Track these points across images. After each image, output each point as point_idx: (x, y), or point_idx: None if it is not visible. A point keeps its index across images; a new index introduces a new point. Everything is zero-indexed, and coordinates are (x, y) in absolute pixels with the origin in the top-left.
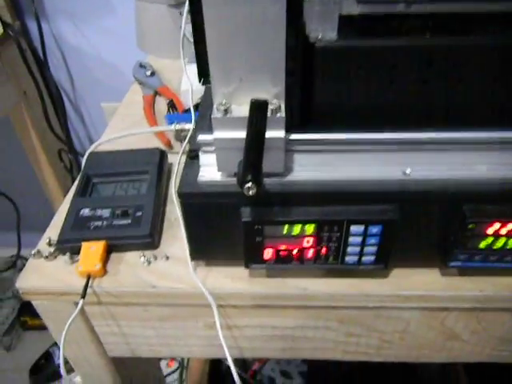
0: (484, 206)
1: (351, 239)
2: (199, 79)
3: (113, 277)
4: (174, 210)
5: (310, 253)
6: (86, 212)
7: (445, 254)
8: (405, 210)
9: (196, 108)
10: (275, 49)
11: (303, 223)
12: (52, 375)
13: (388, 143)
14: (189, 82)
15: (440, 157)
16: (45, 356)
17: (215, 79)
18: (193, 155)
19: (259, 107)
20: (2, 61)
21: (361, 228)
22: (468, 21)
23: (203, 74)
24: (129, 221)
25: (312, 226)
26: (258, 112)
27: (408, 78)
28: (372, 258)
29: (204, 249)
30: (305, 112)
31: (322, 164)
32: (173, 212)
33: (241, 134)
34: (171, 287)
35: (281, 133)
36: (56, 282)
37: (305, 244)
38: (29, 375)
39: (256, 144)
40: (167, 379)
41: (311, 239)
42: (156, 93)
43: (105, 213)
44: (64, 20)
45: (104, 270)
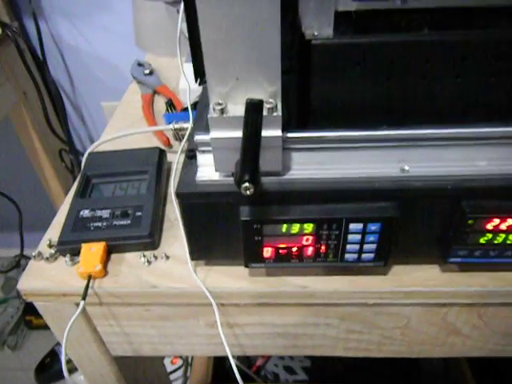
0: (483, 202)
1: (350, 237)
2: (195, 79)
3: (113, 277)
4: (174, 210)
5: (310, 251)
6: (86, 213)
7: (444, 250)
8: (404, 207)
9: (194, 107)
10: (270, 47)
11: (302, 222)
12: (58, 374)
13: (386, 140)
14: (186, 81)
15: (439, 153)
16: (50, 355)
17: (211, 79)
18: (191, 155)
19: (255, 107)
20: (1, 61)
21: (360, 226)
22: (467, 15)
23: (199, 74)
24: (129, 221)
25: (311, 225)
26: (254, 112)
27: (406, 74)
28: (371, 256)
29: (204, 249)
30: (302, 110)
31: (320, 162)
32: (172, 211)
33: (237, 134)
34: (172, 287)
35: (277, 132)
36: (57, 284)
37: (304, 242)
38: (34, 374)
39: (252, 144)
40: (172, 376)
41: (310, 237)
42: (155, 92)
43: (104, 213)
44: (62, 19)
45: (104, 271)
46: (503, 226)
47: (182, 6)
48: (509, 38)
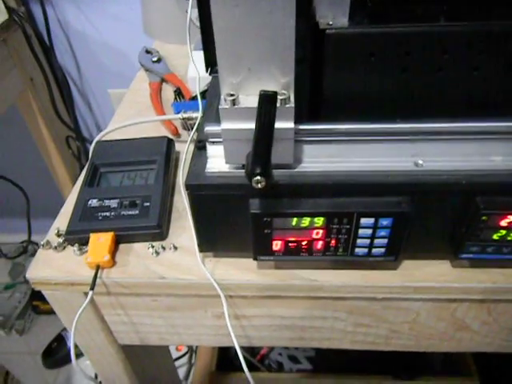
0: (498, 198)
1: (361, 231)
2: (206, 69)
3: (121, 268)
4: (182, 200)
5: (319, 245)
6: (94, 202)
7: (456, 246)
8: (416, 202)
9: (203, 95)
10: (284, 37)
11: (313, 216)
12: (64, 358)
13: (400, 133)
14: (196, 69)
15: (453, 147)
16: (57, 339)
17: (223, 69)
18: (200, 146)
19: (268, 99)
20: (8, 47)
21: (371, 220)
22: (485, 5)
23: (210, 64)
24: (137, 211)
25: (321, 219)
26: (267, 104)
27: (421, 66)
28: (382, 250)
29: (212, 241)
30: (315, 101)
31: (332, 155)
32: (181, 202)
33: (249, 125)
34: (180, 278)
35: (290, 124)
36: (65, 273)
37: (314, 236)
38: (42, 358)
39: (265, 137)
40: (176, 363)
41: (320, 231)
42: (163, 80)
43: (113, 203)
44: (69, 5)
45: (113, 261)
46: None
47: None
48: None
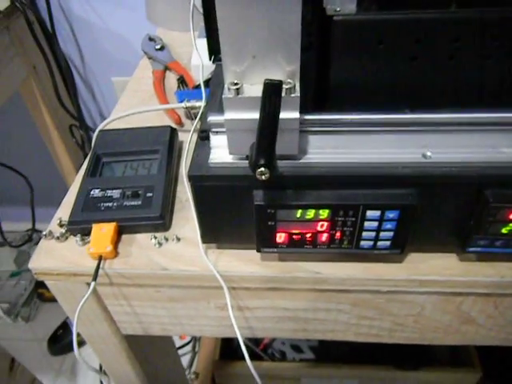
0: (508, 191)
1: (367, 224)
2: (209, 56)
3: (124, 258)
4: (185, 191)
5: (324, 237)
6: (97, 193)
7: (464, 239)
8: (424, 195)
9: (207, 84)
10: (290, 24)
11: (317, 208)
12: (70, 345)
13: (408, 124)
14: (199, 57)
15: (463, 138)
16: (62, 327)
17: (226, 56)
18: (203, 136)
19: (273, 89)
20: (10, 34)
21: (377, 213)
22: None
23: (214, 51)
24: (139, 202)
25: (326, 211)
26: (272, 94)
27: (432, 54)
28: (388, 243)
29: (215, 232)
30: (321, 91)
31: (338, 146)
32: (184, 192)
33: (253, 115)
34: (182, 270)
35: (295, 114)
36: (68, 264)
37: (319, 228)
38: (47, 345)
39: (269, 127)
40: (180, 351)
41: (325, 224)
42: (166, 68)
43: (115, 193)
44: None
45: (115, 252)
46: None
47: None
48: None
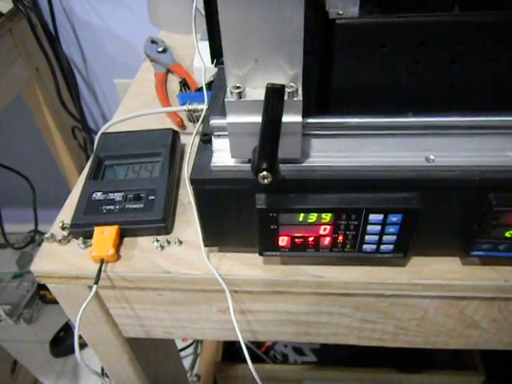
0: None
1: (370, 228)
2: (212, 60)
3: (126, 262)
4: (188, 194)
5: (327, 241)
6: (99, 195)
7: (467, 243)
8: (427, 198)
9: (209, 87)
10: (293, 27)
11: (320, 211)
12: (72, 346)
13: (411, 128)
14: (201, 60)
15: (466, 142)
16: (65, 328)
17: (229, 60)
18: (206, 139)
19: (276, 93)
20: (13, 36)
21: (380, 217)
22: None
23: (216, 54)
24: (141, 205)
25: (329, 215)
26: (275, 98)
27: (435, 58)
28: (391, 247)
29: (217, 235)
30: (323, 94)
31: (341, 150)
32: (186, 195)
33: (255, 119)
34: (185, 273)
35: (298, 117)
36: (70, 267)
37: (321, 232)
38: (49, 347)
39: (272, 132)
40: (182, 353)
41: (328, 227)
42: (168, 70)
43: (117, 196)
44: None
45: (117, 255)
46: None
47: None
48: None
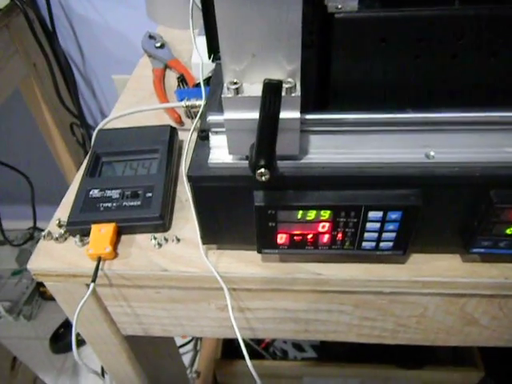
0: None
1: (369, 225)
2: (209, 55)
3: (123, 259)
4: (185, 191)
5: (326, 238)
6: (96, 193)
7: (467, 240)
8: (427, 195)
9: (207, 82)
10: (291, 21)
11: (319, 208)
12: (72, 343)
13: (411, 124)
14: (199, 56)
15: (466, 138)
16: (64, 325)
17: (226, 55)
18: (203, 136)
19: (273, 89)
20: (10, 32)
21: (379, 214)
22: None
23: (213, 50)
24: (139, 202)
25: (328, 212)
26: (272, 94)
27: (435, 53)
28: (390, 244)
29: (215, 233)
30: (322, 90)
31: (340, 146)
32: (184, 192)
33: (253, 115)
34: (182, 271)
35: (296, 113)
36: (67, 265)
37: (320, 229)
38: (49, 343)
39: (269, 128)
40: (181, 350)
41: (327, 225)
42: (166, 66)
43: (114, 194)
44: None
45: (114, 253)
46: None
47: None
48: None
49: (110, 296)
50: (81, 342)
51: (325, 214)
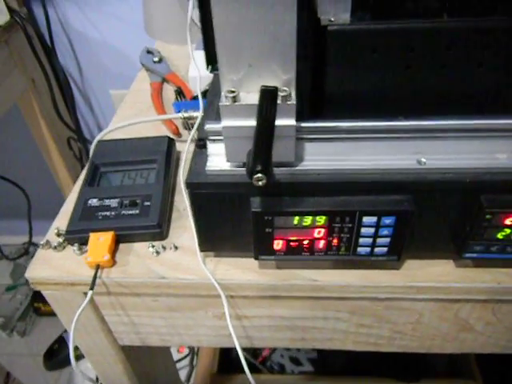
0: (503, 196)
1: (364, 230)
2: (207, 66)
3: (122, 267)
4: (183, 200)
5: (321, 244)
6: (94, 202)
7: (460, 245)
8: (419, 201)
9: (204, 95)
10: (286, 33)
11: (314, 214)
12: (66, 360)
13: (403, 131)
14: (197, 69)
15: (457, 145)
16: (58, 341)
17: (223, 65)
18: (201, 144)
19: (269, 95)
20: (10, 48)
21: (374, 219)
22: (490, 1)
23: (211, 61)
24: (137, 211)
25: (323, 217)
26: (268, 100)
27: (425, 63)
28: (385, 250)
29: (213, 240)
30: (316, 99)
31: (334, 153)
32: (181, 202)
33: (250, 123)
34: (180, 278)
35: (291, 121)
36: (65, 273)
37: (316, 235)
38: (43, 360)
39: (265, 133)
40: (178, 365)
41: (322, 230)
42: (164, 80)
43: (113, 203)
44: (70, 5)
45: (113, 261)
46: None
47: None
48: None
49: (108, 305)
50: (77, 358)
51: (320, 220)
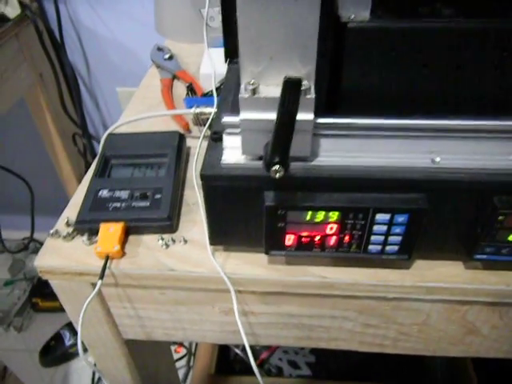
0: None
1: (376, 228)
2: (225, 58)
3: (131, 259)
4: (193, 195)
5: (333, 240)
6: (105, 193)
7: (471, 246)
8: (432, 200)
9: (216, 91)
10: (308, 26)
11: (327, 210)
12: (62, 357)
13: (418, 130)
14: (210, 65)
15: (472, 145)
16: (55, 338)
17: (244, 57)
18: (216, 137)
19: (293, 86)
20: (19, 42)
21: (387, 217)
22: (508, 2)
23: (230, 53)
24: (147, 203)
25: (336, 213)
26: (291, 91)
27: (443, 62)
28: (396, 248)
29: (224, 233)
30: (333, 95)
31: (349, 149)
32: (191, 197)
33: (268, 116)
34: (189, 271)
35: (310, 115)
36: (74, 263)
37: (327, 231)
38: (39, 356)
39: (287, 125)
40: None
41: (334, 226)
42: (174, 76)
43: (123, 194)
44: (81, 2)
45: (122, 252)
46: None
47: None
48: None
49: (115, 296)
50: (72, 355)
51: (333, 216)
